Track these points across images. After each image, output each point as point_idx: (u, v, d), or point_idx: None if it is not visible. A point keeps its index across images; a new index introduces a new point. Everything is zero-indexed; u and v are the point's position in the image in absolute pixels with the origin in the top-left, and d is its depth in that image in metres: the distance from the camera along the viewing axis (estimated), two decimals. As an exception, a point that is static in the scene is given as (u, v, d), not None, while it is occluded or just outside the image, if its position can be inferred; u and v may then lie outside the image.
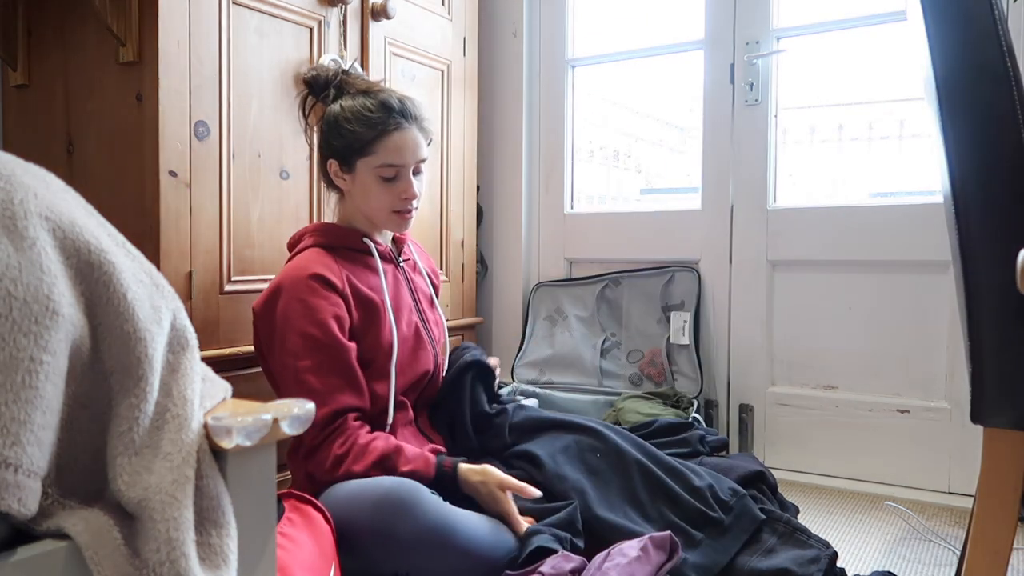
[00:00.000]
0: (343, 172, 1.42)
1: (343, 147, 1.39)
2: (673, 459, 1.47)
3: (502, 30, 2.51)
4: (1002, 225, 0.88)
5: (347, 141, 1.38)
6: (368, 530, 1.21)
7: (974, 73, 0.88)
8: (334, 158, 1.41)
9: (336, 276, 1.34)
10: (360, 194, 1.42)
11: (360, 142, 1.37)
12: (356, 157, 1.39)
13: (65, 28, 1.57)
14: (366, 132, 1.37)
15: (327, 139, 1.42)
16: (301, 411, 0.68)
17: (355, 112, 1.38)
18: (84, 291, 0.59)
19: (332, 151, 1.41)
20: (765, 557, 1.39)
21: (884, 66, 2.35)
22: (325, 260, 1.36)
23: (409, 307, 1.46)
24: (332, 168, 1.42)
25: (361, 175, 1.40)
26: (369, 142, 1.37)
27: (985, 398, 0.92)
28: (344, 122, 1.38)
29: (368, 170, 1.39)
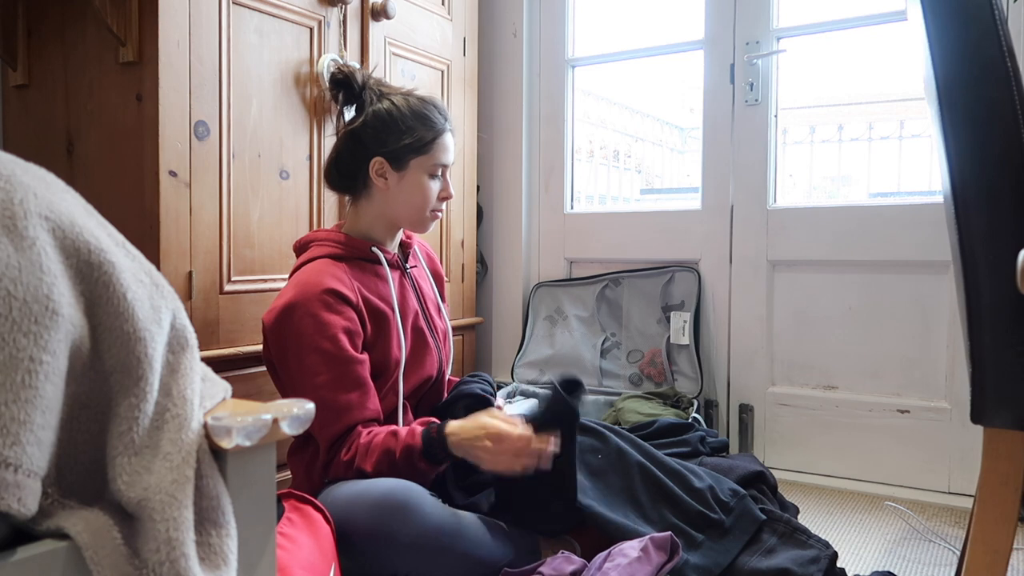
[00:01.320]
0: (392, 170, 1.39)
1: (402, 146, 1.38)
2: (674, 461, 1.46)
3: (502, 30, 2.51)
4: (1002, 225, 0.88)
5: (407, 140, 1.38)
6: (367, 532, 1.21)
7: (974, 73, 0.88)
8: (383, 156, 1.38)
9: (349, 289, 1.32)
10: (406, 192, 1.40)
11: (420, 141, 1.39)
12: (412, 156, 1.39)
13: (65, 28, 1.57)
14: (427, 132, 1.39)
15: (378, 137, 1.38)
16: (301, 411, 0.68)
17: (416, 112, 1.39)
18: (84, 291, 0.59)
19: (384, 149, 1.38)
20: (765, 557, 1.39)
21: (884, 66, 2.35)
22: (336, 272, 1.33)
23: (416, 313, 1.45)
24: (376, 167, 1.39)
25: (413, 173, 1.40)
26: (429, 142, 1.39)
27: (985, 398, 0.92)
28: (403, 121, 1.38)
29: (421, 169, 1.40)
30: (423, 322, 1.47)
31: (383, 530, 1.20)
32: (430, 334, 1.47)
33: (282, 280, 1.68)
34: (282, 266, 1.68)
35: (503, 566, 1.27)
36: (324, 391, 1.27)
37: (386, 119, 1.38)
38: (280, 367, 1.34)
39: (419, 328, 1.45)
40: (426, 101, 1.43)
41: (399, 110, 1.39)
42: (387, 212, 1.42)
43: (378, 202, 1.42)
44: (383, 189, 1.40)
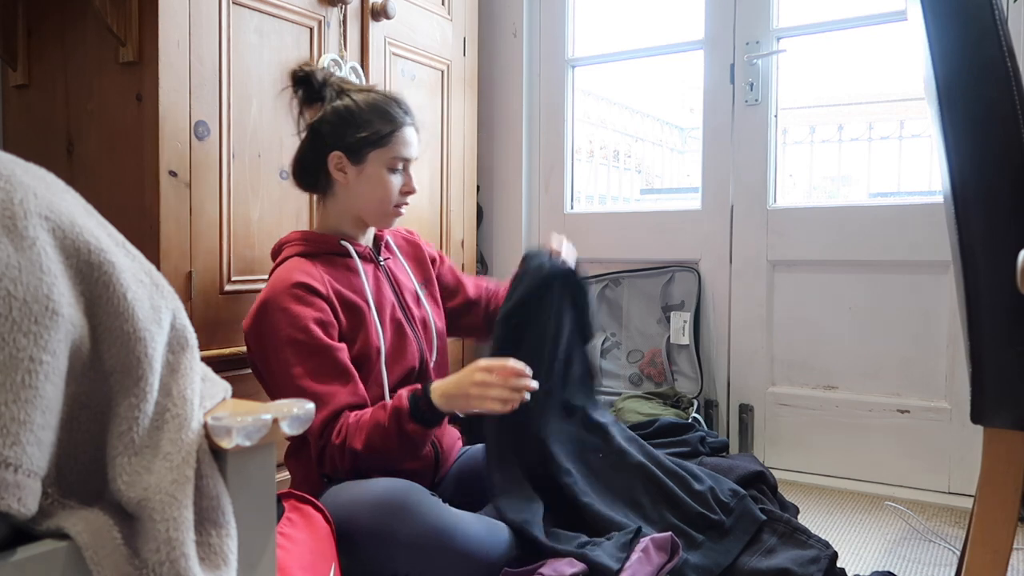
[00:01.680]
0: (351, 164, 1.40)
1: (359, 139, 1.39)
2: (674, 461, 1.46)
3: (502, 30, 2.51)
4: (1002, 225, 0.88)
5: (365, 133, 1.39)
6: (367, 532, 1.21)
7: (974, 73, 0.88)
8: (341, 150, 1.39)
9: (319, 282, 1.33)
10: (365, 187, 1.41)
11: (378, 135, 1.39)
12: (370, 149, 1.39)
13: (65, 28, 1.57)
14: (384, 126, 1.39)
15: (336, 131, 1.39)
16: (301, 411, 0.68)
17: (373, 106, 1.40)
18: (84, 291, 0.59)
19: (341, 143, 1.39)
20: (765, 557, 1.39)
21: (884, 66, 2.35)
22: (306, 267, 1.34)
23: (392, 304, 1.45)
24: (333, 161, 1.40)
25: (371, 167, 1.40)
26: (386, 135, 1.39)
27: (985, 398, 0.92)
28: (360, 115, 1.39)
29: (380, 162, 1.40)
30: (400, 313, 1.46)
31: (383, 530, 1.20)
32: (408, 325, 1.46)
33: (282, 280, 1.68)
34: (282, 266, 1.68)
35: (503, 566, 1.27)
36: (303, 381, 1.27)
37: (343, 114, 1.39)
38: (263, 368, 1.34)
39: (397, 319, 1.44)
40: (385, 95, 1.43)
41: (356, 104, 1.40)
42: (351, 207, 1.43)
43: (342, 198, 1.43)
44: (344, 184, 1.41)
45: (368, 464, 1.27)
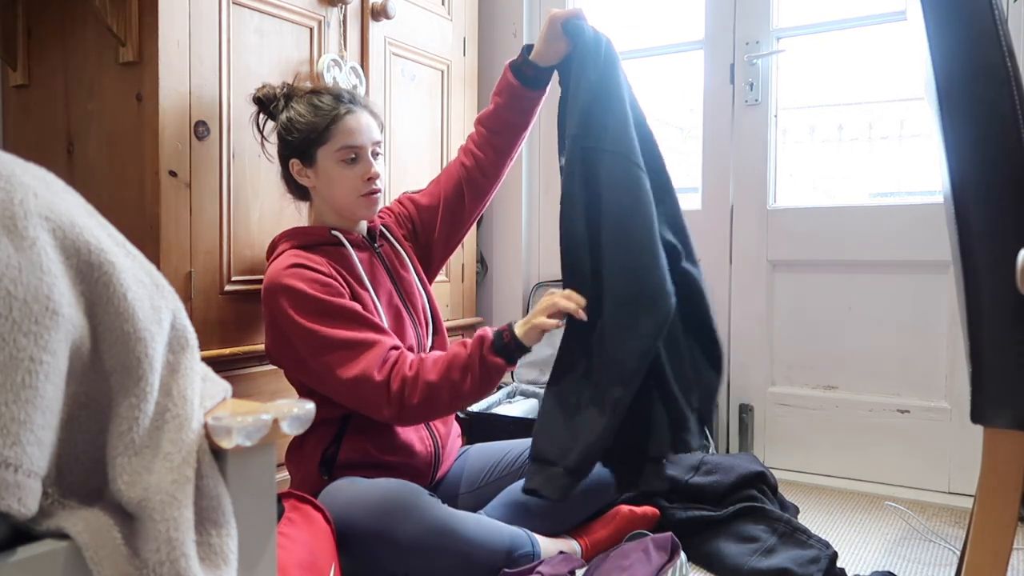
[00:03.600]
0: (306, 168, 1.43)
1: (300, 141, 1.41)
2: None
3: (502, 30, 2.51)
4: (1002, 225, 0.88)
5: (304, 134, 1.40)
6: (368, 532, 1.21)
7: (974, 73, 0.88)
8: (294, 157, 1.43)
9: (318, 264, 1.36)
10: (326, 185, 1.42)
11: (316, 131, 1.39)
12: (315, 147, 1.40)
13: (65, 28, 1.57)
14: (320, 120, 1.39)
15: (284, 141, 1.43)
16: (301, 411, 0.68)
17: (307, 106, 1.41)
18: (84, 291, 0.59)
19: (291, 150, 1.43)
20: (765, 557, 1.39)
21: (884, 66, 2.35)
22: (302, 254, 1.37)
23: (389, 290, 1.46)
24: (295, 168, 1.43)
25: (323, 164, 1.41)
26: (325, 129, 1.39)
27: (985, 398, 0.92)
28: (299, 117, 1.41)
29: (329, 157, 1.40)
30: (397, 299, 1.47)
31: (383, 530, 1.20)
32: (405, 310, 1.48)
33: (282, 280, 1.68)
34: (282, 266, 1.68)
35: (502, 566, 1.27)
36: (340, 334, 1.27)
37: (285, 123, 1.43)
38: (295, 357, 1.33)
39: (395, 305, 1.46)
40: (323, 90, 1.45)
41: (294, 110, 1.42)
42: (327, 205, 1.46)
43: (318, 199, 1.47)
44: (313, 187, 1.45)
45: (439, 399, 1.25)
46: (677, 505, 1.57)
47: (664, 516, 1.54)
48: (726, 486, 1.57)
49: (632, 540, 1.36)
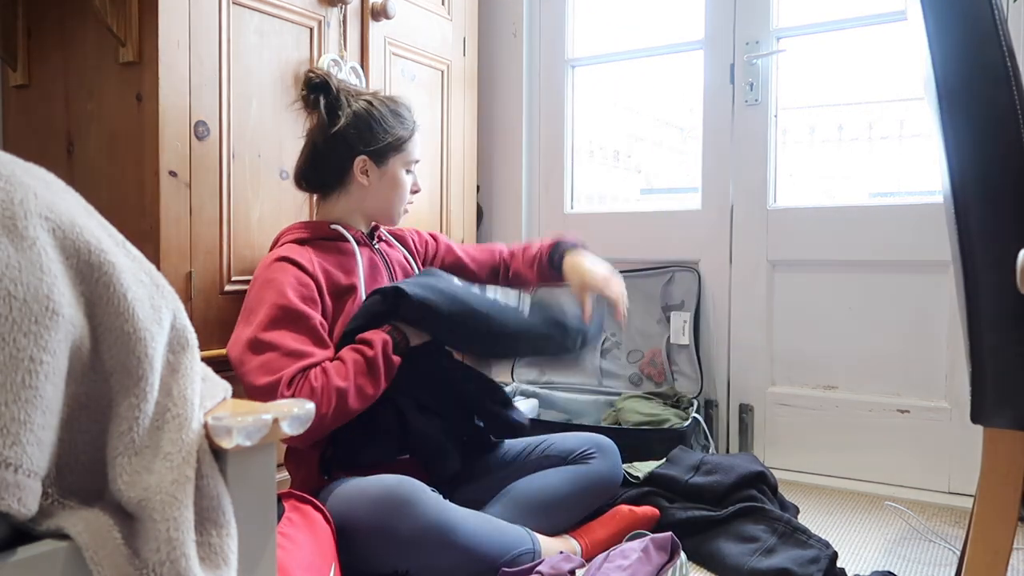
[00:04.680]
0: (375, 167, 1.47)
1: (383, 145, 1.46)
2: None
3: (502, 30, 2.51)
4: (1002, 225, 0.88)
5: (388, 140, 1.46)
6: (368, 528, 1.21)
7: (974, 73, 0.88)
8: (366, 154, 1.45)
9: (306, 261, 1.37)
10: (385, 188, 1.49)
11: (400, 140, 1.48)
12: (392, 153, 1.48)
13: (65, 28, 1.57)
14: (404, 131, 1.49)
15: (362, 136, 1.45)
16: (301, 411, 0.68)
17: (393, 112, 1.48)
18: (84, 291, 0.59)
19: (368, 148, 1.45)
20: (765, 557, 1.39)
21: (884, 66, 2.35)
22: (295, 249, 1.39)
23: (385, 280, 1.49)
24: (360, 164, 1.45)
25: (392, 170, 1.49)
26: (406, 140, 1.49)
27: (985, 398, 0.92)
28: (384, 120, 1.46)
29: (399, 165, 1.49)
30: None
31: (384, 525, 1.20)
32: None
33: (282, 280, 1.68)
34: (282, 266, 1.68)
35: (502, 563, 1.27)
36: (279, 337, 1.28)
37: (368, 119, 1.45)
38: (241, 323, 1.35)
39: None
40: (398, 101, 1.51)
41: (378, 110, 1.46)
42: (363, 207, 1.50)
43: (355, 198, 1.48)
44: (364, 185, 1.47)
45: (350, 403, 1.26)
46: (677, 505, 1.57)
47: (664, 516, 1.54)
48: (726, 486, 1.57)
49: (632, 540, 1.36)
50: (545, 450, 1.53)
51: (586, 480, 1.49)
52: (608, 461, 1.53)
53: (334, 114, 1.45)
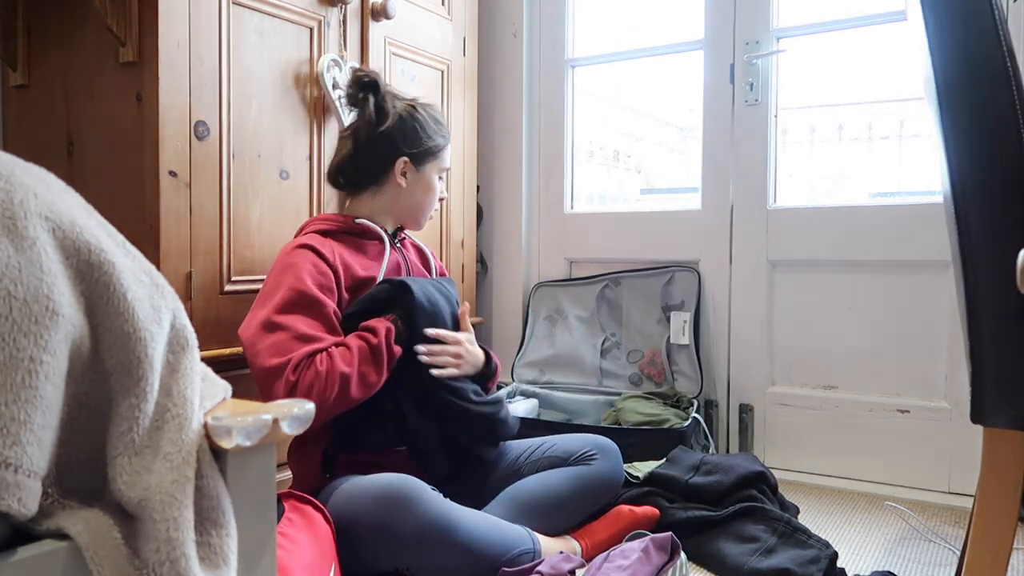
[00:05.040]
0: (414, 169, 1.51)
1: (424, 150, 1.51)
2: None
3: (502, 30, 2.51)
4: (1002, 225, 0.88)
5: (429, 145, 1.51)
6: (369, 526, 1.21)
7: (974, 73, 0.88)
8: (408, 157, 1.50)
9: (328, 251, 1.39)
10: (418, 191, 1.53)
11: (438, 148, 1.54)
12: (430, 158, 1.53)
13: (65, 28, 1.57)
14: (442, 139, 1.55)
15: (407, 138, 1.49)
16: (301, 411, 0.68)
17: (434, 119, 1.54)
18: (84, 291, 0.59)
19: (411, 150, 1.50)
20: (765, 557, 1.39)
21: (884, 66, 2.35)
22: (317, 239, 1.41)
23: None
24: (401, 165, 1.50)
25: (428, 174, 1.54)
26: (443, 148, 1.55)
27: (985, 398, 0.92)
28: (427, 126, 1.51)
29: (434, 171, 1.55)
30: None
31: (385, 524, 1.20)
32: None
33: (282, 280, 1.68)
34: (282, 266, 1.69)
35: (503, 562, 1.27)
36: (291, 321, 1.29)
37: (412, 122, 1.50)
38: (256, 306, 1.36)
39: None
40: (436, 109, 1.57)
41: (421, 115, 1.51)
42: (394, 208, 1.53)
43: (389, 198, 1.52)
44: (399, 186, 1.51)
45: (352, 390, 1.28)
46: (677, 505, 1.57)
47: (664, 516, 1.54)
48: (726, 486, 1.57)
49: (632, 540, 1.36)
50: (546, 451, 1.53)
51: (587, 481, 1.49)
52: (609, 462, 1.53)
53: (383, 113, 1.49)
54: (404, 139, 1.49)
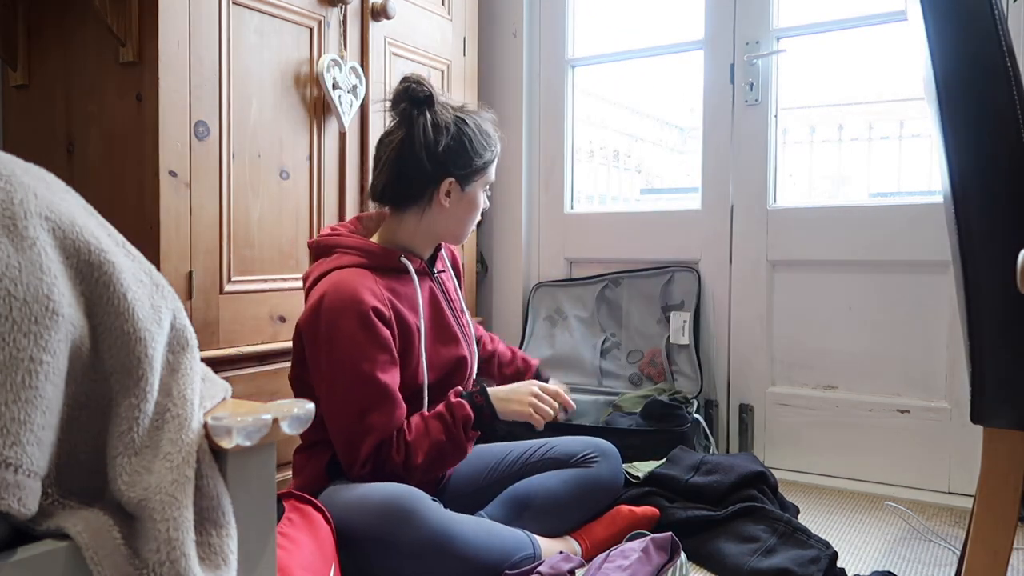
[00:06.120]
0: (460, 189, 1.41)
1: (473, 168, 1.41)
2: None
3: (502, 30, 2.51)
4: (1002, 225, 0.88)
5: (477, 164, 1.41)
6: (369, 536, 1.21)
7: (974, 73, 0.88)
8: (454, 176, 1.39)
9: (383, 304, 1.32)
10: (461, 210, 1.43)
11: (486, 163, 1.43)
12: (478, 176, 1.43)
13: (65, 28, 1.57)
14: (490, 153, 1.43)
15: (456, 159, 1.38)
16: (301, 411, 0.68)
17: (484, 132, 1.42)
18: (84, 291, 0.59)
19: (459, 171, 1.39)
20: (765, 557, 1.39)
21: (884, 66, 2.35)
22: (370, 284, 1.33)
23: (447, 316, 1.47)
24: (446, 185, 1.39)
25: (473, 192, 1.43)
26: (491, 162, 1.44)
27: (985, 398, 0.92)
28: (475, 142, 1.40)
29: (479, 188, 1.45)
30: (455, 324, 1.48)
31: (385, 534, 1.20)
32: (460, 334, 1.48)
33: (282, 280, 1.68)
34: (282, 266, 1.68)
35: (503, 569, 1.27)
36: (367, 413, 1.28)
37: (462, 139, 1.38)
38: (313, 367, 1.33)
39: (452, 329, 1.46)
40: (487, 117, 1.45)
41: (472, 130, 1.40)
42: (436, 227, 1.43)
43: (433, 217, 1.42)
44: (443, 207, 1.40)
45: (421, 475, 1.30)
46: (677, 505, 1.57)
47: (664, 516, 1.54)
48: (726, 486, 1.57)
49: (632, 540, 1.36)
50: (547, 452, 1.53)
51: (587, 484, 1.49)
52: (610, 465, 1.53)
53: (438, 131, 1.37)
54: (453, 159, 1.37)
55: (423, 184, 1.39)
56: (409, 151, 1.37)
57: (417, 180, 1.38)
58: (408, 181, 1.39)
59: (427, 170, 1.37)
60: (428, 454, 1.29)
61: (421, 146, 1.36)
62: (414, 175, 1.38)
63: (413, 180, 1.38)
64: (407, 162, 1.38)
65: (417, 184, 1.39)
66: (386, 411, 1.29)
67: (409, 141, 1.37)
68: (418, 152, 1.36)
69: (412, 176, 1.38)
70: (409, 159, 1.37)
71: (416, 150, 1.36)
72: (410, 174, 1.38)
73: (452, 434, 1.31)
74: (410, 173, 1.38)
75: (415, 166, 1.37)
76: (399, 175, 1.39)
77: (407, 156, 1.37)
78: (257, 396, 1.63)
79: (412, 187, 1.39)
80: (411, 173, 1.38)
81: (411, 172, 1.38)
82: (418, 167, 1.37)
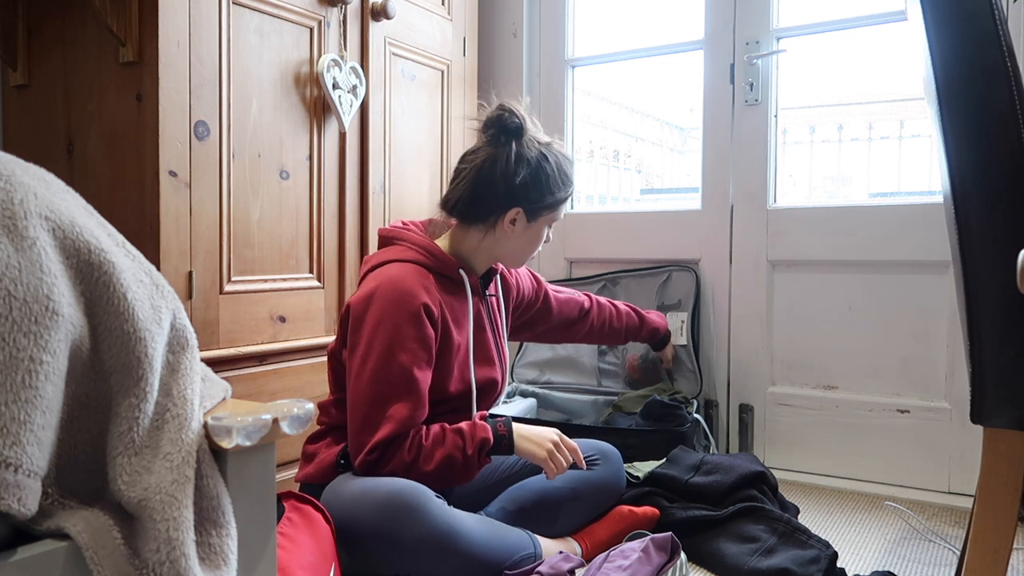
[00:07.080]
0: (525, 221, 1.44)
1: (544, 204, 1.44)
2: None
3: (502, 30, 2.51)
4: (1002, 225, 0.88)
5: (549, 201, 1.44)
6: (372, 532, 1.21)
7: (974, 73, 0.88)
8: (523, 208, 1.42)
9: (435, 304, 1.36)
10: (523, 241, 1.47)
11: (557, 202, 1.46)
12: (546, 212, 1.46)
13: (65, 28, 1.57)
14: (563, 193, 1.47)
15: (529, 192, 1.41)
16: (301, 411, 0.68)
17: (562, 171, 1.46)
18: (84, 291, 0.59)
19: (528, 204, 1.42)
20: (765, 557, 1.39)
21: (884, 66, 2.35)
22: (427, 284, 1.37)
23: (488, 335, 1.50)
24: (512, 215, 1.42)
25: (537, 227, 1.47)
26: (562, 201, 1.47)
27: (985, 398, 0.92)
28: (551, 180, 1.43)
29: (545, 224, 1.48)
30: (493, 346, 1.51)
31: (388, 530, 1.20)
32: (497, 357, 1.51)
33: (282, 280, 1.68)
34: (282, 266, 1.68)
35: (504, 568, 1.28)
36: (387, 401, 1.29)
37: (539, 174, 1.42)
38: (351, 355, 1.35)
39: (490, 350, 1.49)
40: (567, 158, 1.49)
41: (551, 167, 1.44)
42: (496, 249, 1.47)
43: (495, 240, 1.45)
44: (507, 233, 1.44)
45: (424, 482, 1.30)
46: (677, 505, 1.57)
47: (664, 516, 1.54)
48: (726, 486, 1.57)
49: (632, 540, 1.36)
50: (548, 452, 1.53)
51: (589, 486, 1.50)
52: (612, 468, 1.54)
53: (520, 162, 1.40)
54: (526, 192, 1.41)
55: (492, 208, 1.42)
56: (488, 174, 1.41)
57: (488, 203, 1.42)
58: (480, 201, 1.43)
59: (500, 196, 1.41)
60: (439, 464, 1.29)
61: (500, 173, 1.40)
62: (487, 197, 1.42)
63: (484, 202, 1.43)
64: (483, 184, 1.42)
65: (487, 206, 1.43)
66: (409, 406, 1.30)
67: (490, 164, 1.41)
68: (496, 178, 1.40)
69: (485, 198, 1.42)
70: (486, 181, 1.41)
71: (495, 175, 1.41)
72: (483, 195, 1.42)
73: (466, 453, 1.31)
74: (483, 194, 1.42)
75: (489, 189, 1.41)
76: (473, 193, 1.43)
77: (484, 178, 1.42)
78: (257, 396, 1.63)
79: (482, 208, 1.43)
80: (484, 194, 1.42)
81: (484, 193, 1.42)
82: (492, 191, 1.41)
